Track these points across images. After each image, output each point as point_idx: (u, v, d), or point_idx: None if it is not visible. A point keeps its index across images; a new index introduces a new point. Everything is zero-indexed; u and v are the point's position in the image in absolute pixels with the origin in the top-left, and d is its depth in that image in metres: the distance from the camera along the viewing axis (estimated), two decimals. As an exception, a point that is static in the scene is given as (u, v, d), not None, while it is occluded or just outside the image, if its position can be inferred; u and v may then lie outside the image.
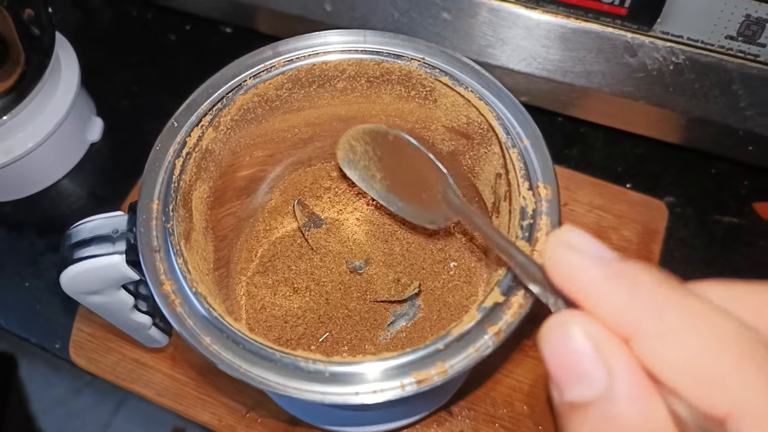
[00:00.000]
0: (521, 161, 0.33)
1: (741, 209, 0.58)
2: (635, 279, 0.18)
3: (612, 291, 0.18)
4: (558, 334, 0.19)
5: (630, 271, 0.19)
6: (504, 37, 0.52)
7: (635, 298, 0.18)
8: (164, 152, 0.34)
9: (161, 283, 0.30)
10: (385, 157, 0.38)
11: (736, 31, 0.45)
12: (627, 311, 0.18)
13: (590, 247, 0.20)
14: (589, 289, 0.19)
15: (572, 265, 0.20)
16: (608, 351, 0.18)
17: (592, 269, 0.19)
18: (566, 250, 0.20)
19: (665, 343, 0.17)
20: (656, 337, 0.17)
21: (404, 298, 0.41)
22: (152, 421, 0.92)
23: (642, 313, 0.18)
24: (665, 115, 0.52)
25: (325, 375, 0.28)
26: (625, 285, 0.18)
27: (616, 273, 0.19)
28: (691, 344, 0.17)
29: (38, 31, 0.52)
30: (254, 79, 0.37)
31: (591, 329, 0.19)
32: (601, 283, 0.19)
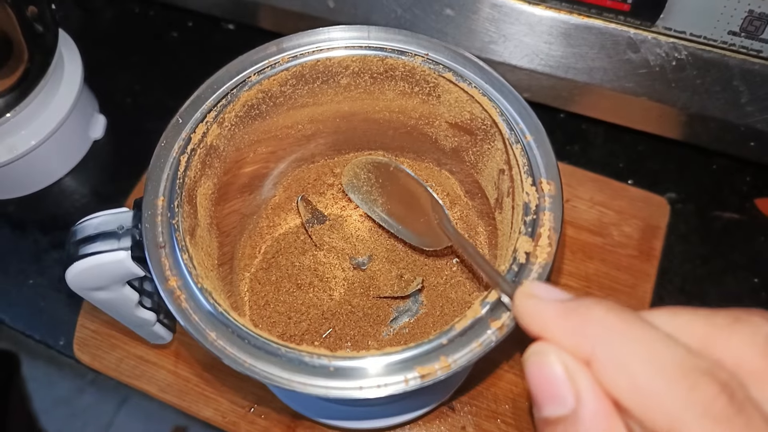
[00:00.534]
0: (524, 157, 0.33)
1: (742, 205, 0.58)
2: (585, 314, 0.21)
3: (566, 326, 0.21)
4: (536, 360, 0.22)
5: (581, 307, 0.21)
6: (506, 34, 0.52)
7: (586, 330, 0.21)
8: (169, 148, 0.34)
9: (167, 278, 0.30)
10: (386, 184, 0.41)
11: (738, 27, 0.45)
12: (581, 342, 0.21)
13: (548, 294, 0.24)
14: (549, 326, 0.22)
15: (533, 310, 0.23)
16: (577, 377, 0.21)
17: (550, 310, 0.22)
18: (528, 299, 0.24)
19: (613, 368, 0.20)
20: (605, 363, 0.20)
21: (407, 294, 0.41)
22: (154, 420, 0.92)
23: (592, 342, 0.20)
24: (667, 111, 0.52)
25: (330, 369, 0.28)
26: (576, 320, 0.21)
27: (568, 311, 0.22)
28: (633, 368, 0.19)
29: (41, 28, 0.52)
30: (258, 75, 0.37)
31: (563, 358, 0.21)
32: (558, 319, 0.22)
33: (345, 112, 0.41)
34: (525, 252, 0.30)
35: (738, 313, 0.21)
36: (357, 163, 0.42)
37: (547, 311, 0.23)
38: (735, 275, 0.55)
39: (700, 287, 0.54)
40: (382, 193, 0.42)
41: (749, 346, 0.20)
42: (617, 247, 0.54)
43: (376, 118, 0.42)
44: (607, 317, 0.20)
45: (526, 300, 0.24)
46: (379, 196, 0.42)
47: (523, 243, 0.31)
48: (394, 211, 0.41)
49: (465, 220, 0.44)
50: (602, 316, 0.21)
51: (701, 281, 0.55)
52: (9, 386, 0.98)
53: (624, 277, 0.53)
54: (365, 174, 0.42)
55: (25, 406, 1.01)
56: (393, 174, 0.41)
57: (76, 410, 1.13)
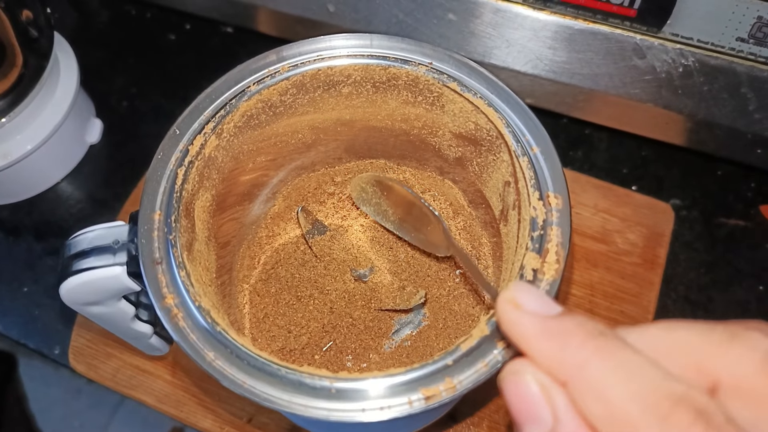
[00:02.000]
0: (531, 170, 0.32)
1: (747, 212, 0.57)
2: (566, 336, 0.21)
3: (546, 346, 0.21)
4: (513, 380, 0.21)
5: (562, 328, 0.21)
6: (510, 39, 0.51)
7: (565, 353, 0.20)
8: (166, 161, 0.33)
9: (164, 296, 0.29)
10: (390, 196, 0.41)
11: (747, 33, 0.44)
12: (559, 365, 0.20)
13: (532, 304, 0.22)
14: (528, 343, 0.22)
15: (514, 322, 0.22)
16: (554, 397, 0.20)
17: (530, 327, 0.22)
18: (510, 308, 0.22)
19: (589, 394, 0.19)
20: (582, 388, 0.20)
21: (410, 307, 0.40)
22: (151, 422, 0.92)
23: (570, 366, 0.20)
24: (672, 118, 0.51)
25: (331, 391, 0.27)
26: (557, 341, 0.21)
27: (550, 330, 0.21)
28: (608, 395, 0.19)
29: (36, 32, 0.51)
30: (258, 84, 0.36)
31: (540, 377, 0.21)
32: (538, 338, 0.21)
33: (346, 120, 0.40)
34: (532, 269, 0.30)
35: (735, 327, 0.20)
36: (360, 180, 0.42)
37: (527, 327, 0.22)
38: (740, 283, 0.54)
39: (705, 295, 0.54)
40: (390, 204, 0.41)
41: (746, 364, 0.19)
42: (621, 255, 0.54)
43: (378, 127, 0.41)
44: (586, 344, 0.20)
45: (508, 309, 0.22)
46: (388, 207, 0.42)
47: (530, 259, 0.30)
48: (405, 220, 0.41)
49: (468, 231, 0.43)
50: (582, 342, 0.20)
51: (706, 289, 0.54)
52: (6, 387, 0.98)
53: (628, 285, 0.53)
54: (371, 188, 0.42)
55: (21, 406, 1.01)
56: (392, 189, 0.41)
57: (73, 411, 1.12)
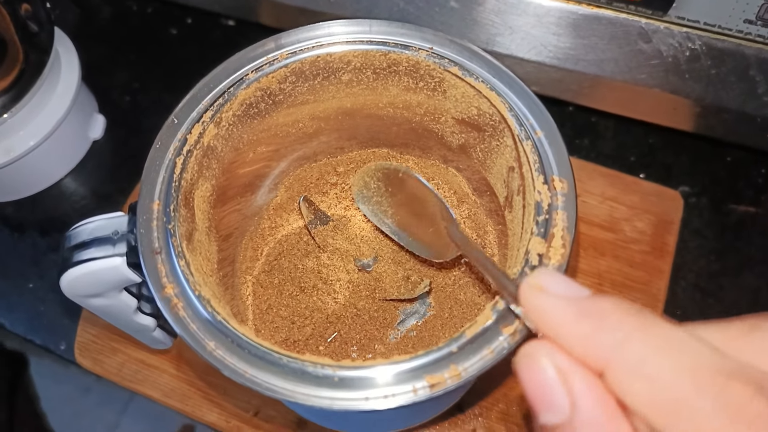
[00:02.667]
0: (535, 154, 0.32)
1: (757, 198, 0.56)
2: (603, 315, 0.19)
3: (581, 328, 0.20)
4: (528, 363, 0.20)
5: (597, 308, 0.20)
6: (513, 25, 0.50)
7: (603, 333, 0.19)
8: (164, 150, 0.33)
9: (163, 286, 0.29)
10: (396, 192, 0.40)
11: (755, 15, 0.44)
12: (595, 347, 0.19)
13: (560, 288, 0.21)
14: (560, 328, 0.20)
15: (542, 307, 0.21)
16: (572, 381, 0.19)
17: (562, 309, 0.20)
18: (537, 293, 0.21)
19: (632, 373, 0.18)
20: (623, 368, 0.18)
21: (415, 296, 0.40)
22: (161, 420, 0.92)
23: (610, 345, 0.19)
24: (680, 103, 0.50)
25: (334, 380, 0.27)
26: (592, 322, 0.19)
27: (584, 311, 0.20)
28: (654, 371, 0.18)
29: (36, 27, 0.51)
30: (256, 72, 0.35)
31: (557, 360, 0.20)
32: (571, 321, 0.20)
33: (347, 108, 0.40)
34: (537, 254, 0.29)
35: (753, 320, 0.19)
36: (366, 171, 0.41)
37: (557, 311, 0.20)
38: (752, 270, 0.53)
39: (715, 283, 0.53)
40: (392, 203, 0.40)
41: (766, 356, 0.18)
42: (630, 243, 0.53)
43: (380, 115, 0.40)
44: (625, 320, 0.19)
45: (534, 294, 0.21)
46: (388, 206, 0.41)
47: (535, 244, 0.29)
48: (404, 222, 0.40)
49: (473, 219, 0.42)
50: (620, 318, 0.19)
51: (717, 277, 0.53)
52: (16, 386, 0.98)
53: (637, 273, 0.52)
54: (375, 183, 0.41)
55: (32, 405, 1.01)
56: (401, 180, 0.40)
57: (83, 409, 1.12)
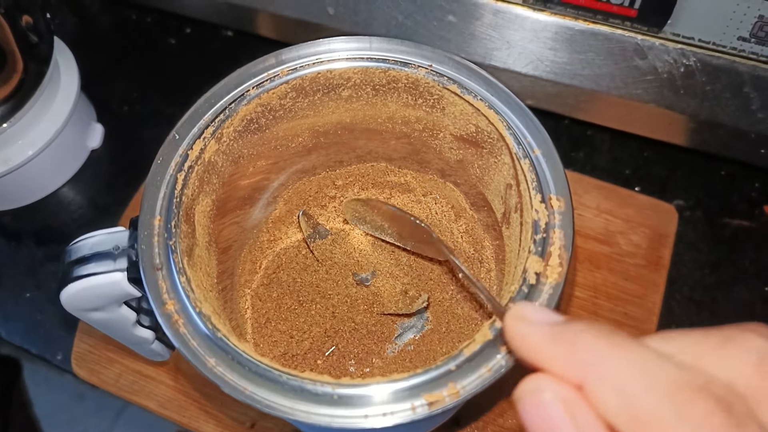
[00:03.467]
0: (533, 172, 0.32)
1: (751, 212, 0.57)
2: (575, 338, 0.21)
3: (557, 350, 0.21)
4: (532, 399, 0.21)
5: (571, 331, 0.21)
6: (510, 40, 0.51)
7: (577, 353, 0.20)
8: (166, 166, 0.33)
9: (164, 302, 0.29)
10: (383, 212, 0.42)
11: (748, 33, 0.44)
12: (573, 365, 0.20)
13: (538, 317, 0.23)
14: (538, 350, 0.22)
15: (522, 333, 0.23)
16: (578, 414, 0.20)
17: (539, 334, 0.22)
18: (518, 321, 0.23)
19: (604, 390, 0.19)
20: (597, 385, 0.19)
21: (413, 312, 0.40)
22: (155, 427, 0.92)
23: (583, 366, 0.20)
24: (675, 118, 0.51)
25: (333, 397, 0.27)
26: (568, 343, 0.21)
27: (559, 334, 0.21)
28: (624, 388, 0.19)
29: (36, 38, 0.51)
30: (257, 88, 0.36)
31: (562, 393, 0.20)
32: (548, 344, 0.21)
33: (347, 123, 0.40)
34: (535, 272, 0.29)
35: (729, 331, 0.20)
36: (349, 204, 0.43)
37: (536, 335, 0.22)
38: (746, 283, 0.54)
39: (710, 296, 0.53)
40: (385, 219, 0.41)
41: (742, 365, 0.19)
42: (625, 256, 0.53)
43: (379, 130, 0.40)
44: (597, 342, 0.20)
45: (515, 323, 0.23)
46: (383, 222, 0.42)
47: (532, 263, 0.29)
48: (402, 232, 0.41)
49: (471, 234, 0.43)
50: (592, 340, 0.20)
51: (711, 290, 0.54)
52: (11, 391, 0.98)
53: (632, 287, 0.52)
54: (361, 207, 0.42)
55: (26, 411, 1.01)
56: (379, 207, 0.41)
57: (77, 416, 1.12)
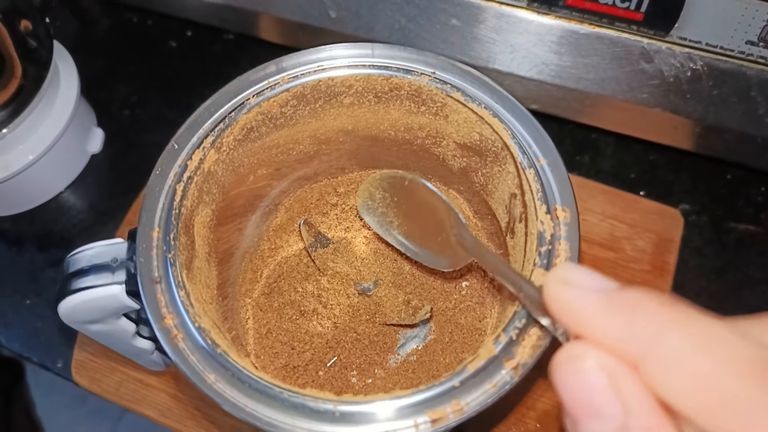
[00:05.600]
0: (538, 182, 0.31)
1: (757, 216, 0.56)
2: (636, 306, 0.18)
3: (613, 321, 0.18)
4: (572, 368, 0.19)
5: (630, 299, 0.18)
6: (514, 44, 0.50)
7: (637, 326, 0.18)
8: (164, 176, 0.33)
9: (162, 317, 0.29)
10: (401, 202, 0.38)
11: (757, 36, 0.44)
12: (630, 339, 0.18)
13: (587, 281, 0.20)
14: (590, 322, 0.19)
15: (571, 300, 0.20)
16: (623, 386, 0.18)
17: (591, 302, 0.19)
18: (563, 287, 0.20)
19: (670, 368, 0.17)
20: (661, 362, 0.17)
21: (415, 322, 0.39)
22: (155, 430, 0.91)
23: (645, 339, 0.17)
24: (681, 123, 0.50)
25: (335, 415, 0.27)
26: (626, 313, 0.18)
27: (615, 303, 0.19)
28: (696, 366, 0.16)
29: (35, 43, 0.51)
30: (258, 96, 0.35)
31: (605, 363, 0.18)
32: (602, 314, 0.19)
33: (348, 130, 0.40)
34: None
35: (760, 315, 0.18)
36: (371, 182, 0.40)
37: (587, 303, 0.19)
38: (752, 289, 0.53)
39: (715, 302, 0.53)
40: (398, 213, 0.39)
41: None
42: (630, 262, 0.53)
43: (381, 137, 0.40)
44: (662, 310, 0.18)
45: (561, 288, 0.20)
46: (395, 217, 0.39)
47: (538, 276, 0.29)
48: (411, 232, 0.39)
49: (474, 242, 0.42)
50: (656, 309, 0.18)
51: (717, 296, 0.53)
52: (13, 393, 0.98)
53: (637, 293, 0.52)
54: (380, 193, 0.39)
55: (28, 412, 1.01)
56: (408, 188, 0.38)
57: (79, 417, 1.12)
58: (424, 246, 0.38)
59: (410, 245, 0.39)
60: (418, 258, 0.39)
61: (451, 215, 0.36)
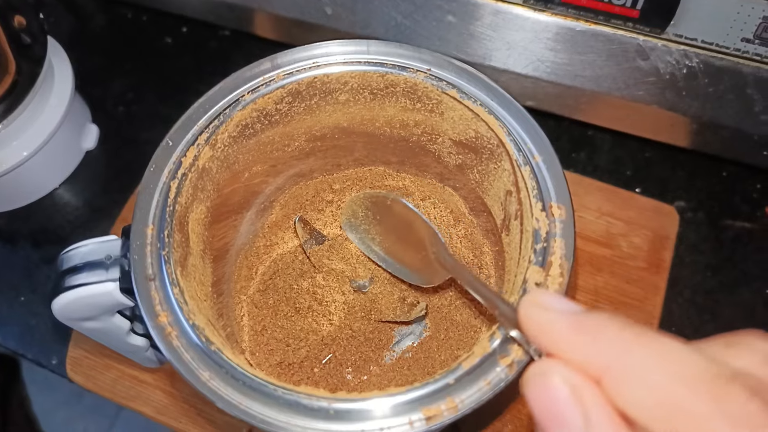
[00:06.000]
0: (533, 179, 0.31)
1: (753, 213, 0.56)
2: (599, 328, 0.20)
3: (578, 340, 0.20)
4: (539, 382, 0.21)
5: (594, 321, 0.20)
6: (510, 41, 0.50)
7: (599, 344, 0.20)
8: (159, 173, 0.33)
9: (157, 314, 0.29)
10: (383, 220, 0.40)
11: (752, 34, 0.43)
12: (593, 357, 0.20)
13: (558, 305, 0.22)
14: (558, 340, 0.21)
15: (542, 321, 0.22)
16: (584, 396, 0.19)
17: (560, 323, 0.21)
18: (536, 309, 0.22)
19: (628, 381, 0.19)
20: (620, 376, 0.19)
21: (411, 319, 0.39)
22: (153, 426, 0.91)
23: (606, 356, 0.19)
24: (677, 120, 0.50)
25: (330, 412, 0.27)
26: (589, 334, 0.20)
27: (581, 324, 0.20)
28: (653, 380, 0.18)
29: (29, 39, 0.51)
30: (252, 93, 0.35)
31: (569, 377, 0.20)
32: (569, 334, 0.21)
33: (344, 127, 0.40)
34: (536, 282, 0.29)
35: (728, 338, 0.20)
36: (355, 200, 0.41)
37: (556, 323, 0.21)
38: (747, 286, 0.53)
39: (711, 299, 0.53)
40: (380, 230, 0.40)
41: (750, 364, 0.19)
42: (626, 259, 0.53)
43: (377, 134, 0.40)
44: (622, 332, 0.19)
45: (533, 309, 0.22)
46: (376, 234, 0.40)
47: (533, 273, 0.29)
48: (392, 249, 0.40)
49: (470, 239, 0.42)
50: (617, 330, 0.20)
51: (712, 293, 0.53)
52: (9, 389, 0.97)
53: (633, 290, 0.52)
54: (363, 211, 0.41)
55: (25, 409, 1.00)
56: (389, 207, 0.40)
57: (76, 414, 1.12)
58: (404, 263, 0.39)
59: (391, 262, 0.40)
60: (399, 274, 0.40)
61: (430, 234, 0.37)
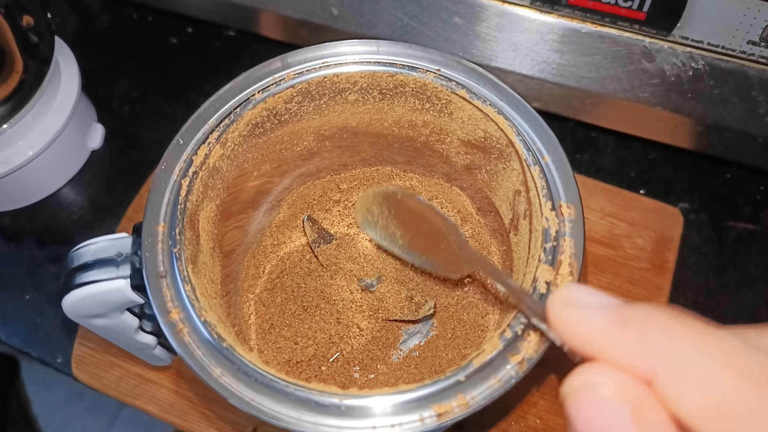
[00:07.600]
0: (543, 179, 0.32)
1: (756, 215, 0.57)
2: (644, 321, 0.18)
3: (621, 338, 0.18)
4: (590, 396, 0.18)
5: (637, 314, 0.18)
6: (516, 42, 0.50)
7: (647, 341, 0.17)
8: (170, 171, 0.33)
9: (168, 311, 0.29)
10: (400, 214, 0.38)
11: (758, 36, 0.44)
12: (641, 356, 0.17)
13: (591, 299, 0.20)
14: (598, 341, 0.18)
15: (576, 321, 0.19)
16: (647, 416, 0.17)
17: (596, 321, 0.19)
18: (567, 307, 0.20)
19: (685, 382, 0.16)
20: (676, 377, 0.16)
21: (418, 318, 0.40)
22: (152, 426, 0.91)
23: (658, 354, 0.17)
24: (681, 122, 0.50)
25: (341, 409, 0.27)
26: (634, 330, 0.18)
27: (622, 319, 0.18)
28: (711, 381, 0.16)
29: (36, 38, 0.51)
30: (263, 92, 0.35)
31: (625, 390, 0.17)
32: (610, 332, 0.18)
33: (352, 127, 0.40)
34: (545, 281, 0.29)
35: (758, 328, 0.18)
36: (365, 198, 0.40)
37: (594, 322, 0.19)
38: (750, 287, 0.53)
39: (714, 300, 0.53)
40: (399, 224, 0.39)
41: None
42: (630, 260, 0.53)
43: (385, 134, 0.40)
44: (671, 326, 0.17)
45: (565, 309, 0.20)
46: (396, 228, 0.39)
47: (543, 272, 0.29)
48: (414, 242, 0.38)
49: (477, 239, 0.42)
50: (665, 324, 0.17)
51: (715, 294, 0.53)
52: (8, 389, 0.97)
53: (637, 290, 0.52)
54: (377, 208, 0.39)
55: (24, 409, 1.00)
56: (402, 202, 0.38)
57: (75, 414, 1.12)
58: (428, 255, 0.38)
59: (416, 255, 0.38)
60: (426, 266, 0.38)
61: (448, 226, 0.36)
